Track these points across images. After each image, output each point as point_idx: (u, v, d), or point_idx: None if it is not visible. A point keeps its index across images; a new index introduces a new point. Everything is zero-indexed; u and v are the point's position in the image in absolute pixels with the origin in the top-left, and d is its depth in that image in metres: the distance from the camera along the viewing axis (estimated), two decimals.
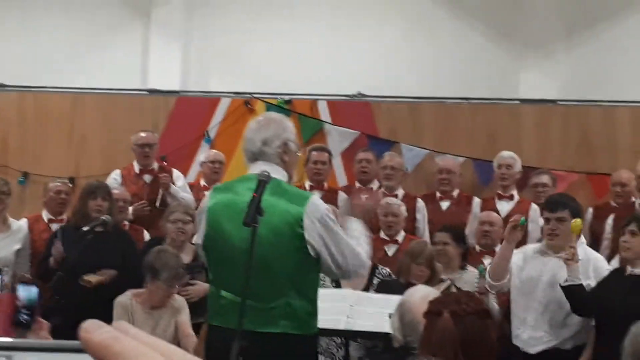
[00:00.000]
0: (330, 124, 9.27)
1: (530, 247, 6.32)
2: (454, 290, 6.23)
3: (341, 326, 5.44)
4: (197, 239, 4.43)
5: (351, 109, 9.43)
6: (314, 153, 8.21)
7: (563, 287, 5.76)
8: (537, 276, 6.02)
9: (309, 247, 4.09)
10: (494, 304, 6.26)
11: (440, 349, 2.96)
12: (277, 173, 4.19)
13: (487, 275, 6.05)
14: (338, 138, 9.17)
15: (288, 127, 4.38)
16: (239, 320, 3.80)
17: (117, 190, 7.39)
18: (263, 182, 3.90)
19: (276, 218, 4.07)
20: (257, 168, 4.20)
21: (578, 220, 5.85)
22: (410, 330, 3.76)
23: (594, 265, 5.97)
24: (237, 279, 3.92)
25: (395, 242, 7.37)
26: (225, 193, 4.29)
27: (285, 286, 4.11)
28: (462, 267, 6.81)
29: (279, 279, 4.10)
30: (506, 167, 8.06)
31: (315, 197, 4.31)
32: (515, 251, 6.09)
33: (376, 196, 7.22)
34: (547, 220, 6.06)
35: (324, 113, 9.33)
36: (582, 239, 6.15)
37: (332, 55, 10.17)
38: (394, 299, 4.43)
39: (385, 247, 7.34)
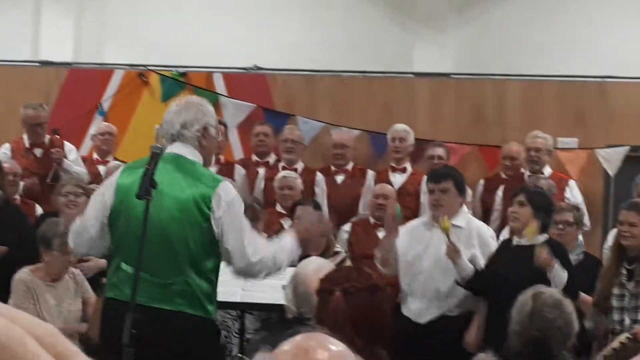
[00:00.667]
0: (225, 96, 9.23)
1: (416, 221, 6.37)
2: (348, 263, 6.30)
3: (237, 298, 5.46)
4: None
5: (247, 81, 9.41)
6: None
7: (459, 283, 5.87)
8: (423, 248, 6.12)
9: (214, 229, 4.12)
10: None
11: (334, 326, 2.99)
12: (194, 156, 4.23)
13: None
14: (234, 111, 9.13)
15: (209, 111, 4.39)
16: (133, 293, 3.80)
17: (7, 164, 7.23)
18: (156, 154, 3.89)
19: (185, 197, 4.10)
20: (175, 149, 4.23)
21: (445, 220, 5.88)
22: (303, 301, 3.79)
23: (477, 233, 6.06)
24: (137, 254, 3.91)
25: (291, 215, 7.40)
26: (137, 169, 4.23)
27: (185, 264, 4.12)
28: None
29: (180, 257, 4.12)
30: (399, 140, 8.17)
31: (227, 182, 4.35)
32: (401, 228, 6.20)
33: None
34: (431, 191, 6.09)
35: (220, 86, 9.29)
36: (465, 209, 6.23)
37: (228, 28, 10.09)
38: (289, 271, 4.45)
39: (282, 220, 7.37)
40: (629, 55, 9.53)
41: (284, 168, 7.98)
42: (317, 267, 3.81)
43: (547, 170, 7.89)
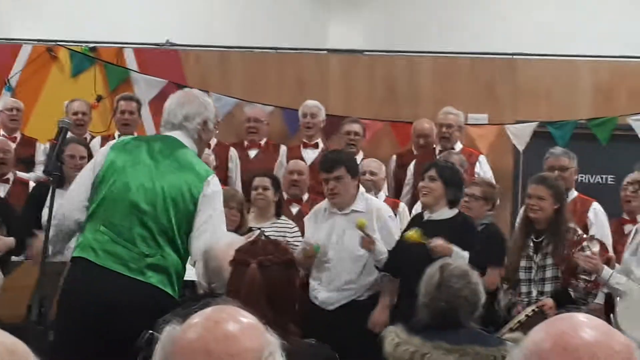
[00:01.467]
0: (136, 72, 9.13)
1: (319, 207, 6.38)
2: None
3: None
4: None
5: (159, 57, 9.30)
6: (122, 102, 8.08)
7: (378, 268, 5.94)
8: (327, 237, 6.16)
9: (196, 217, 4.25)
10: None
11: (248, 299, 3.00)
12: (191, 146, 4.40)
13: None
14: (145, 87, 9.03)
15: (209, 105, 4.57)
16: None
17: None
18: (64, 129, 3.92)
19: (179, 179, 4.25)
20: (175, 136, 4.42)
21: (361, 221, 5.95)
22: (214, 276, 3.79)
23: (376, 215, 6.11)
24: (119, 220, 4.16)
25: None
26: (138, 142, 4.51)
27: (165, 241, 4.21)
28: (277, 215, 6.83)
29: (162, 233, 4.21)
30: (311, 116, 8.19)
31: (215, 177, 4.50)
32: (307, 216, 6.25)
33: None
34: (326, 180, 6.12)
35: (131, 61, 9.18)
36: (362, 189, 6.29)
37: (140, 2, 9.97)
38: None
39: None
40: (538, 32, 9.70)
41: None
42: (229, 242, 3.81)
43: (458, 146, 8.00)
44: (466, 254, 5.64)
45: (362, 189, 6.23)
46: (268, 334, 1.74)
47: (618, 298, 5.58)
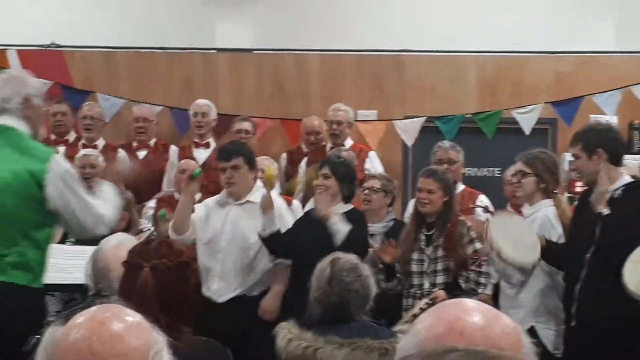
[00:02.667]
0: None
1: (211, 199, 6.38)
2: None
3: None
4: None
5: (43, 58, 9.09)
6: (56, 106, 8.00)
7: (262, 237, 5.92)
8: (221, 227, 6.14)
9: (49, 202, 4.18)
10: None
11: (140, 302, 2.97)
12: (22, 127, 4.29)
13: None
14: None
15: (30, 82, 4.44)
16: None
17: None
18: None
19: (20, 169, 4.14)
20: (2, 121, 4.29)
21: (270, 173, 6.01)
22: (101, 277, 3.73)
23: (277, 208, 6.13)
24: None
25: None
26: None
27: (20, 236, 4.14)
28: None
29: (15, 228, 4.14)
30: (202, 115, 8.14)
31: (59, 155, 4.42)
32: (197, 205, 6.20)
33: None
34: (222, 169, 6.12)
35: (14, 63, 8.94)
36: (259, 183, 6.29)
37: (23, 3, 9.74)
38: (90, 249, 4.38)
39: None
40: (423, 29, 9.85)
41: (84, 146, 7.81)
42: (118, 243, 3.77)
43: (349, 142, 8.06)
44: (345, 228, 5.71)
45: (258, 182, 6.24)
46: (154, 332, 1.72)
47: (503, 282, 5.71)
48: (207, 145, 8.11)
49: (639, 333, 4.90)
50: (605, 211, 4.99)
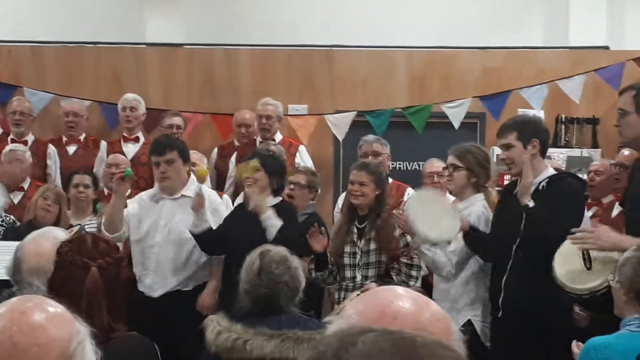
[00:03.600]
0: None
1: (144, 193, 6.36)
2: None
3: None
4: None
5: None
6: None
7: (194, 234, 5.91)
8: (155, 221, 6.12)
9: None
10: None
11: (91, 302, 2.95)
12: None
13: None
14: None
15: None
16: None
17: None
18: None
19: None
20: None
21: (202, 169, 6.00)
22: (17, 271, 3.66)
23: (208, 201, 6.11)
24: None
25: (22, 188, 7.20)
26: None
27: None
28: (95, 212, 6.73)
29: None
30: (130, 110, 8.06)
31: None
32: (129, 201, 6.16)
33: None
34: (156, 164, 6.10)
35: None
36: (192, 177, 6.29)
37: None
38: (14, 245, 4.31)
39: (11, 195, 7.14)
40: (354, 23, 9.92)
41: (12, 141, 7.70)
42: (37, 235, 3.68)
43: (279, 137, 8.06)
44: (279, 223, 5.75)
45: (192, 176, 6.22)
46: (77, 322, 1.71)
47: (435, 276, 5.77)
48: (136, 140, 8.04)
49: (562, 323, 5.00)
50: (530, 203, 5.07)
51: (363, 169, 5.89)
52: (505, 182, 7.06)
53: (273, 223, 5.76)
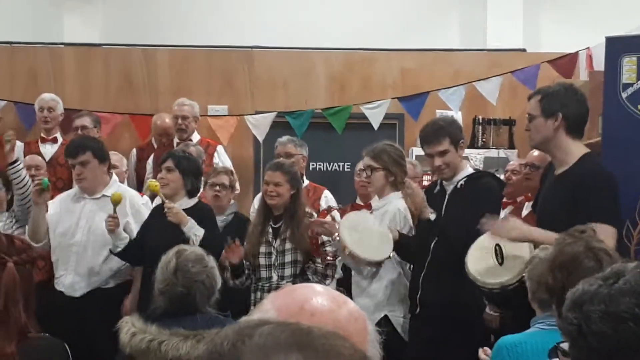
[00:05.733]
0: None
1: (65, 193, 6.31)
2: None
3: None
4: None
5: None
6: None
7: (115, 254, 5.86)
8: (76, 221, 6.06)
9: None
10: None
11: (8, 298, 2.90)
12: None
13: None
14: None
15: None
16: None
17: None
18: None
19: None
20: None
21: (153, 183, 5.91)
22: None
23: (129, 202, 6.08)
24: None
25: None
26: None
27: None
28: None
29: None
30: (48, 110, 7.93)
31: None
32: (50, 202, 6.09)
33: None
34: (72, 166, 6.06)
35: None
36: (115, 177, 6.23)
37: None
38: None
39: None
40: (273, 25, 9.93)
41: None
42: None
43: (196, 137, 8.02)
44: (201, 231, 5.71)
45: (115, 177, 6.15)
46: None
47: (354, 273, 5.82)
48: (54, 141, 7.91)
49: (477, 319, 5.08)
50: (432, 216, 5.17)
51: (278, 169, 5.88)
52: (424, 183, 7.16)
53: (195, 232, 5.72)
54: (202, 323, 3.70)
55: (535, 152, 6.44)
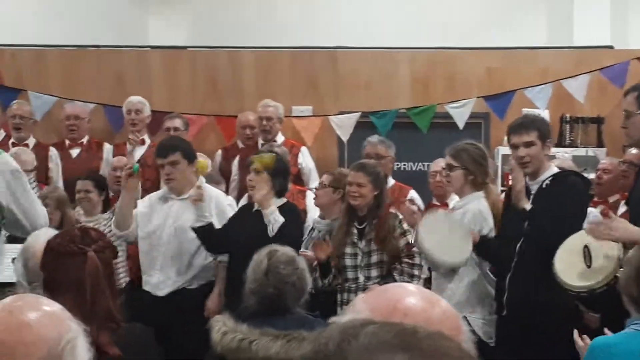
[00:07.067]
0: None
1: (154, 194, 6.39)
2: None
3: None
4: None
5: None
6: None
7: (195, 229, 5.90)
8: (163, 221, 6.14)
9: None
10: None
11: (94, 288, 2.95)
12: None
13: None
14: None
15: None
16: None
17: None
18: None
19: None
20: None
21: (202, 161, 6.01)
22: (34, 275, 3.67)
23: (215, 202, 6.16)
24: None
25: None
26: None
27: None
28: (104, 212, 6.78)
29: None
30: (135, 112, 8.06)
31: (7, 154, 4.44)
32: (140, 200, 6.18)
33: None
34: (161, 166, 6.13)
35: None
36: (202, 178, 6.29)
37: None
38: (17, 247, 4.32)
39: None
40: (357, 26, 9.91)
41: (14, 145, 7.70)
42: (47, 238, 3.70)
43: (280, 138, 8.05)
44: (281, 219, 5.76)
45: (202, 178, 6.23)
46: (71, 321, 1.70)
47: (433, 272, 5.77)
48: (142, 142, 8.04)
49: (564, 320, 4.98)
50: (528, 206, 5.07)
51: (361, 169, 5.87)
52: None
53: (276, 219, 5.76)
54: (292, 323, 3.71)
55: (634, 150, 6.31)
